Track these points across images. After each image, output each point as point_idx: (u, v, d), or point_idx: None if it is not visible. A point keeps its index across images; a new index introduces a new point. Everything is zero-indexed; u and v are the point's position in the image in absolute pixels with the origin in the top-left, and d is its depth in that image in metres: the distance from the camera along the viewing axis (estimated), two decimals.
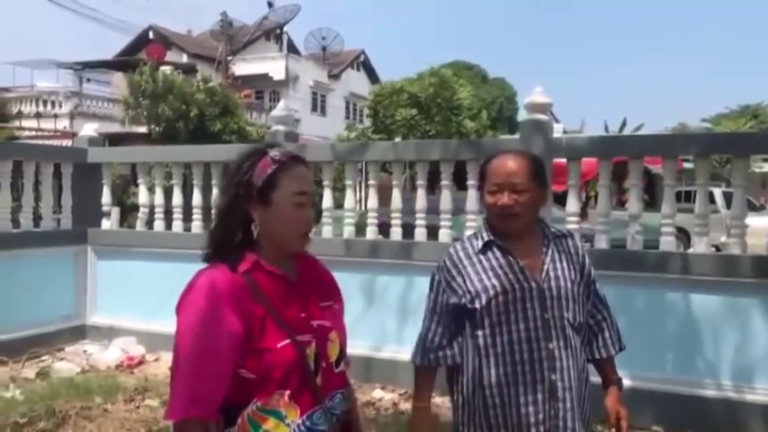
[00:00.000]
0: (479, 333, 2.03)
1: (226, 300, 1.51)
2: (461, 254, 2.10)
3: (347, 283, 2.00)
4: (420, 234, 5.30)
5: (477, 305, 2.02)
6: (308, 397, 1.57)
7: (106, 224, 6.65)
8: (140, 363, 5.81)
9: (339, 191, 7.15)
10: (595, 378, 2.20)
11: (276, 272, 1.61)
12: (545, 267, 2.05)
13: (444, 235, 5.17)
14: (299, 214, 1.62)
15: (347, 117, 32.97)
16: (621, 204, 12.12)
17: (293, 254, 1.68)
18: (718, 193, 14.34)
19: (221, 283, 1.53)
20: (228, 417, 1.53)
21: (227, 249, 1.61)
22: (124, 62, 25.59)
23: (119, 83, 22.67)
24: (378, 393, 5.02)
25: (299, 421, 1.55)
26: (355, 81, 35.36)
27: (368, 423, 4.28)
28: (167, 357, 5.85)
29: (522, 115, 5.00)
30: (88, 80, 24.05)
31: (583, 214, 9.91)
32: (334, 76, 34.26)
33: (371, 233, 5.46)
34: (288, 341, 1.54)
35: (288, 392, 1.54)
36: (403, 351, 4.85)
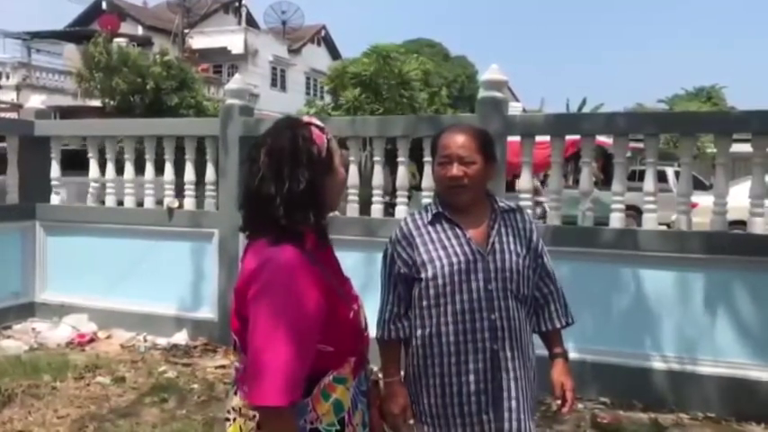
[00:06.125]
0: (425, 303, 2.07)
1: (309, 278, 1.51)
2: (411, 226, 2.13)
3: None
4: (377, 210, 5.31)
5: (423, 276, 2.06)
6: (358, 361, 1.68)
7: (55, 199, 6.47)
8: (92, 340, 5.71)
9: None
10: (544, 351, 2.25)
11: (322, 245, 1.65)
12: (491, 240, 2.08)
13: (401, 211, 5.18)
14: (344, 173, 1.72)
15: (308, 93, 32.60)
16: (579, 183, 12.31)
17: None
18: (670, 172, 14.64)
19: (300, 261, 1.52)
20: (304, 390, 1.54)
21: (292, 228, 1.55)
22: (76, 33, 24.72)
23: (70, 54, 21.90)
24: None
25: (354, 384, 1.66)
26: (316, 57, 34.91)
27: None
28: (120, 334, 5.78)
29: (481, 93, 5.02)
30: (37, 51, 23.18)
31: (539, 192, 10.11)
32: (295, 51, 33.77)
33: None
34: (352, 312, 1.65)
35: (354, 359, 1.65)
36: None
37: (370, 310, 2.34)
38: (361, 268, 5.06)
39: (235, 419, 1.64)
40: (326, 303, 1.53)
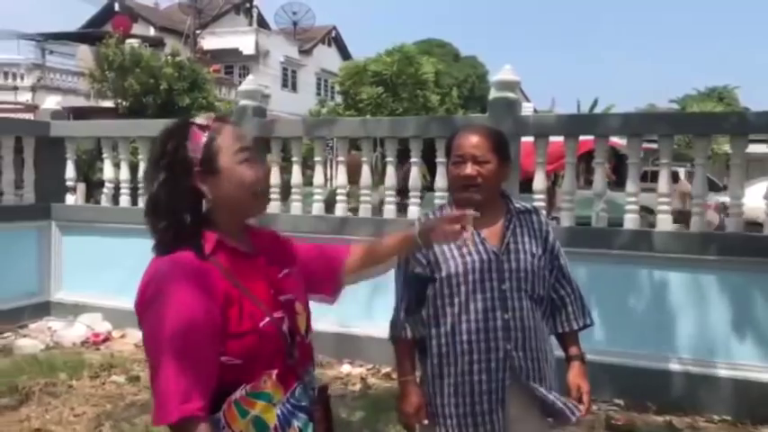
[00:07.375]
0: (439, 303, 2.08)
1: (199, 285, 1.42)
2: None
3: None
4: (389, 211, 5.31)
5: (438, 275, 2.07)
6: (289, 374, 1.54)
7: (70, 199, 6.54)
8: (106, 339, 5.76)
9: (311, 168, 7.11)
10: (561, 353, 2.24)
11: (239, 249, 1.54)
12: (506, 240, 2.09)
13: (413, 212, 5.19)
14: (248, 172, 1.53)
15: (318, 93, 32.66)
16: (590, 183, 12.24)
17: (248, 222, 1.61)
18: (683, 173, 14.60)
19: (190, 268, 1.44)
20: (214, 403, 1.44)
21: (181, 235, 1.48)
22: (89, 35, 24.91)
23: (84, 56, 22.10)
24: (346, 368, 5.06)
25: (284, 400, 1.52)
26: (327, 57, 34.98)
27: (336, 398, 4.31)
28: (134, 333, 5.82)
29: (493, 94, 5.01)
30: (51, 52, 23.38)
31: (552, 193, 10.05)
32: (306, 52, 33.84)
33: (341, 210, 5.46)
34: (267, 320, 1.49)
35: (275, 372, 1.50)
36: (371, 327, 4.88)
37: (384, 310, 2.35)
38: None
39: None
40: (223, 313, 1.43)
